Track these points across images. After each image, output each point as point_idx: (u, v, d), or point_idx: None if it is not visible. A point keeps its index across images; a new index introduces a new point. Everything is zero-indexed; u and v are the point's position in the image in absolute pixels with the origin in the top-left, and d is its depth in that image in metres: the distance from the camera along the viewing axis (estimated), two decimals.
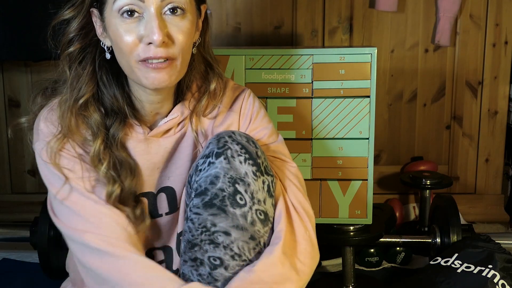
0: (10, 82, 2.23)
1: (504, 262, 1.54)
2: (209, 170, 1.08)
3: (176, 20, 1.06)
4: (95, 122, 1.11)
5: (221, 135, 1.11)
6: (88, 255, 1.07)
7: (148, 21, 1.04)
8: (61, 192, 1.10)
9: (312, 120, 1.61)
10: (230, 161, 1.07)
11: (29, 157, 2.25)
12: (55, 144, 1.09)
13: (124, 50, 1.06)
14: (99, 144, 1.10)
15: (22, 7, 1.98)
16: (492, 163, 2.27)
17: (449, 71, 2.22)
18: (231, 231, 1.06)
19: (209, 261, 1.07)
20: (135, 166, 1.15)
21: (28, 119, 1.17)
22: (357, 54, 1.58)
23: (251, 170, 1.08)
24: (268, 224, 1.10)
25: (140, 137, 1.17)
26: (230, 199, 1.06)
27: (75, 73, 1.12)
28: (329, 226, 1.68)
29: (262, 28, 2.17)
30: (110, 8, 1.06)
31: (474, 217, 2.27)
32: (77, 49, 1.11)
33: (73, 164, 1.11)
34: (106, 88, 1.14)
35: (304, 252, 1.11)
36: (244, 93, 1.26)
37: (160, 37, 1.03)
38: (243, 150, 1.09)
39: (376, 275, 1.89)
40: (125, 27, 1.05)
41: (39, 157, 1.12)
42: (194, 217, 1.08)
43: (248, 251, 1.07)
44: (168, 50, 1.06)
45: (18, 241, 1.96)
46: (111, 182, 1.10)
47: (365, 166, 1.62)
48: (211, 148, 1.10)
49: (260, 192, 1.09)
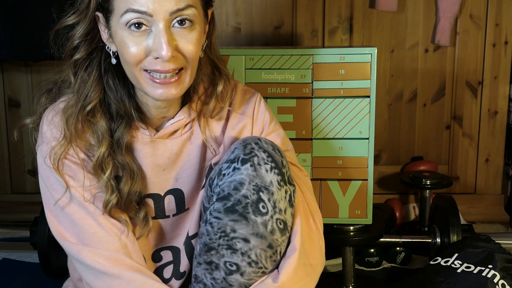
0: (10, 82, 2.23)
1: (504, 262, 1.54)
2: (234, 175, 1.08)
3: (185, 33, 1.05)
4: (101, 128, 1.11)
5: (247, 141, 1.11)
6: (85, 272, 1.10)
7: (156, 35, 1.02)
8: (62, 199, 1.10)
9: (312, 120, 1.61)
10: (257, 169, 1.07)
11: (29, 157, 2.25)
12: (59, 150, 1.09)
13: (129, 61, 1.05)
14: (103, 151, 1.10)
15: (22, 7, 1.98)
16: (492, 163, 2.27)
17: (449, 71, 2.21)
18: (251, 238, 1.06)
19: (225, 266, 1.07)
20: (138, 170, 1.15)
21: (33, 120, 1.17)
22: (357, 54, 1.58)
23: (276, 180, 1.08)
24: (286, 233, 1.10)
25: (147, 139, 1.16)
26: (253, 206, 1.06)
27: (81, 79, 1.10)
28: (329, 226, 1.68)
29: (262, 28, 2.17)
30: (117, 20, 1.04)
31: (474, 217, 2.27)
32: (83, 56, 1.10)
33: (75, 172, 1.11)
34: (113, 92, 1.13)
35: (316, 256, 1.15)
36: (255, 97, 1.26)
37: (169, 53, 1.01)
38: (269, 159, 1.08)
39: (376, 275, 1.89)
40: (132, 40, 1.03)
41: (42, 160, 1.12)
42: (214, 221, 1.08)
43: (265, 259, 1.07)
44: (176, 63, 1.05)
45: (18, 241, 1.95)
46: (109, 192, 1.10)
47: (365, 166, 1.62)
48: (237, 153, 1.09)
49: (282, 201, 1.09)
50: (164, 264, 1.23)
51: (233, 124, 1.22)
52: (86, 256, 1.08)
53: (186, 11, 1.04)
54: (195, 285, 1.12)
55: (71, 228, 1.11)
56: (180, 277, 1.23)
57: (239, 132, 1.22)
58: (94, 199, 1.11)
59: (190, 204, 1.23)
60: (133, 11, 1.01)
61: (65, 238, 1.11)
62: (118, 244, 1.10)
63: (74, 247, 1.10)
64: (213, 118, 1.21)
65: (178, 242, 1.24)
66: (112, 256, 1.09)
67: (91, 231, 1.10)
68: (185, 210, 1.23)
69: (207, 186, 1.16)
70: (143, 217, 1.16)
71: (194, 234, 1.21)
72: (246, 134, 1.22)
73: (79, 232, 1.10)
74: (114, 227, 1.11)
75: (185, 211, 1.23)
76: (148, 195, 1.19)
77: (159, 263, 1.23)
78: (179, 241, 1.24)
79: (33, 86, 2.22)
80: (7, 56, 2.05)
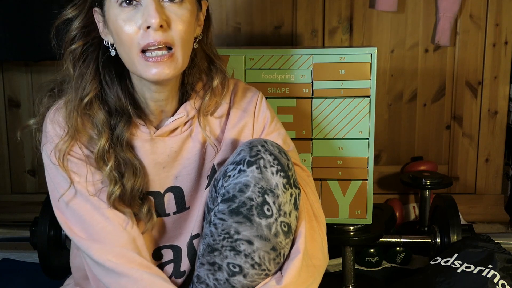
0: (10, 82, 2.23)
1: (504, 262, 1.54)
2: (239, 177, 1.08)
3: (174, 7, 1.07)
4: (100, 120, 1.12)
5: (253, 143, 1.11)
6: (95, 267, 1.12)
7: (145, 6, 1.05)
8: (67, 194, 1.11)
9: (312, 120, 1.61)
10: (262, 171, 1.07)
11: (29, 157, 2.25)
12: (63, 146, 1.11)
13: (124, 40, 1.07)
14: (103, 143, 1.11)
15: (22, 7, 1.98)
16: (492, 163, 2.27)
17: (449, 71, 2.21)
18: (254, 240, 1.06)
19: (228, 267, 1.08)
20: (140, 166, 1.15)
21: (37, 121, 1.18)
22: (357, 54, 1.58)
23: (282, 182, 1.08)
24: (290, 236, 1.10)
25: (146, 136, 1.17)
26: (257, 209, 1.06)
27: (79, 72, 1.13)
28: (329, 226, 1.68)
29: (262, 28, 2.17)
30: (109, 1, 1.08)
31: (474, 217, 2.27)
32: (79, 46, 1.12)
33: (80, 167, 1.12)
34: (109, 88, 1.14)
35: (319, 257, 1.15)
36: (256, 96, 1.27)
37: (157, 19, 1.03)
38: (275, 162, 1.08)
39: (376, 275, 1.89)
40: (124, 17, 1.06)
41: (47, 159, 1.13)
42: (218, 222, 1.09)
43: (268, 261, 1.08)
44: (167, 34, 1.06)
45: (18, 241, 1.95)
46: (113, 183, 1.11)
47: (365, 166, 1.62)
48: (243, 155, 1.09)
49: (287, 204, 1.09)
50: (164, 262, 1.24)
51: (233, 122, 1.23)
52: (95, 253, 1.10)
53: None
54: (197, 286, 1.13)
55: (79, 224, 1.12)
56: (180, 276, 1.24)
57: (239, 130, 1.22)
58: (99, 194, 1.13)
59: (191, 203, 1.23)
60: None
61: (75, 233, 1.13)
62: (126, 238, 1.12)
63: (84, 242, 1.11)
64: (212, 115, 1.22)
65: (180, 241, 1.24)
66: (121, 252, 1.10)
67: (99, 226, 1.11)
68: (186, 208, 1.23)
69: (211, 187, 1.16)
70: (146, 211, 1.17)
71: (197, 234, 1.21)
72: (246, 132, 1.23)
73: (87, 227, 1.12)
74: (120, 220, 1.13)
75: (186, 210, 1.23)
76: (148, 192, 1.20)
77: (160, 261, 1.24)
78: (181, 240, 1.24)
79: (33, 86, 2.22)
80: (7, 56, 2.06)
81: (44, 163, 1.14)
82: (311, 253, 1.13)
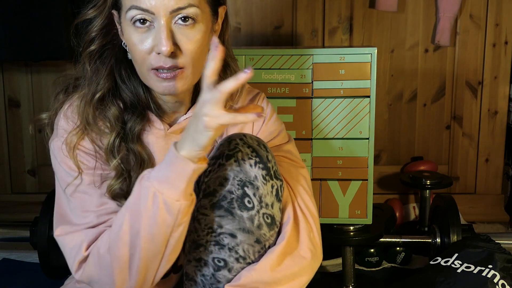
0: (10, 82, 2.23)
1: (504, 262, 1.54)
2: (219, 171, 1.08)
3: (186, 30, 1.06)
4: (113, 115, 1.12)
5: (232, 138, 1.11)
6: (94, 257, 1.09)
7: (158, 31, 1.04)
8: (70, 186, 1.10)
9: (312, 120, 1.61)
10: (241, 164, 1.08)
11: (29, 157, 2.25)
12: (73, 137, 1.10)
13: (137, 58, 1.07)
14: (114, 136, 1.11)
15: (22, 7, 1.98)
16: (492, 163, 2.27)
17: (449, 71, 2.22)
18: (237, 233, 1.07)
19: (213, 262, 1.08)
20: (149, 159, 1.15)
21: (49, 115, 1.18)
22: (357, 54, 1.58)
23: (261, 174, 1.08)
24: (275, 228, 1.10)
25: (160, 133, 1.17)
26: (238, 201, 1.07)
27: (95, 68, 1.13)
28: (329, 226, 1.68)
29: (262, 28, 2.17)
30: (124, 16, 1.07)
31: (474, 217, 2.27)
32: (98, 47, 1.13)
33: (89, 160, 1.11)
34: (125, 84, 1.15)
35: (305, 249, 1.12)
36: (258, 96, 1.28)
37: (167, 48, 1.03)
38: (254, 154, 1.09)
39: (376, 275, 1.89)
40: (137, 37, 1.05)
41: (59, 151, 1.11)
42: (201, 218, 1.09)
43: (253, 254, 1.08)
44: (177, 60, 1.05)
45: (18, 241, 1.95)
46: (118, 175, 1.10)
47: (365, 166, 1.62)
48: (222, 150, 1.10)
49: (269, 196, 1.09)
50: None
51: None
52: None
53: (188, 10, 1.05)
54: (186, 283, 1.13)
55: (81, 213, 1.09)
56: (177, 271, 1.24)
57: (240, 128, 1.22)
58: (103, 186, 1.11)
59: None
60: (136, 8, 1.04)
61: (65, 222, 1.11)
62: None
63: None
64: None
65: None
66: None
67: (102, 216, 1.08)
68: None
69: (194, 183, 1.16)
70: None
71: None
72: (246, 130, 1.23)
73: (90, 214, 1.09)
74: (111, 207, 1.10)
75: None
76: None
77: None
78: None
79: (33, 86, 2.23)
80: (7, 56, 2.06)
81: (51, 156, 1.14)
82: (298, 244, 1.11)
